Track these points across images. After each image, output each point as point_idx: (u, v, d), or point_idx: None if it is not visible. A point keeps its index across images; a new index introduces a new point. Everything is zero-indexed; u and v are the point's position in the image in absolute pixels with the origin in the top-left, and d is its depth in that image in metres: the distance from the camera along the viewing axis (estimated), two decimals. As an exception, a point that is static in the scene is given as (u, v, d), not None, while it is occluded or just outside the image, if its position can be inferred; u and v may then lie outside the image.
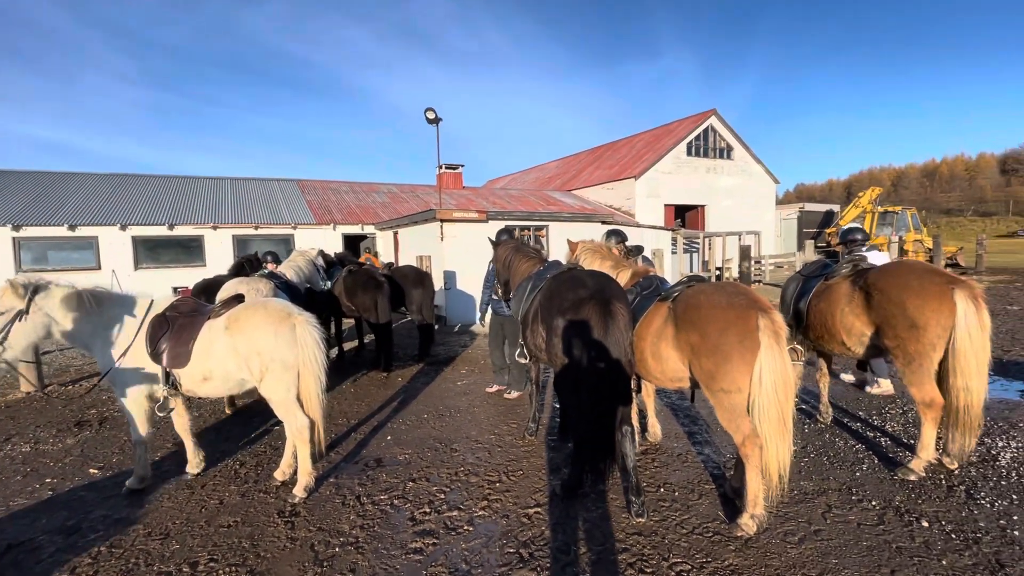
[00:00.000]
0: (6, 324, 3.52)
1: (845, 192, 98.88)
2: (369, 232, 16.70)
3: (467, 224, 12.09)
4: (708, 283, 3.40)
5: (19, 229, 12.93)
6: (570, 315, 3.25)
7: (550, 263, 4.56)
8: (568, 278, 3.54)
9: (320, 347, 3.70)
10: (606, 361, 3.11)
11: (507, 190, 24.67)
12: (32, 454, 4.73)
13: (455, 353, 8.62)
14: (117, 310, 3.78)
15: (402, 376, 7.12)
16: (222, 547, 3.09)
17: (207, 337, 3.65)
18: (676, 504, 3.39)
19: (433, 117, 11.23)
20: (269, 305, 3.72)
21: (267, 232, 15.47)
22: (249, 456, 4.48)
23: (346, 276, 7.36)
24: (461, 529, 3.21)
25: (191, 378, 3.66)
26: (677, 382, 3.48)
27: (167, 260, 14.49)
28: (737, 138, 24.06)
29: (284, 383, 3.61)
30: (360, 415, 5.52)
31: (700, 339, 3.08)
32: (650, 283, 3.85)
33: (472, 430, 4.96)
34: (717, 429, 4.72)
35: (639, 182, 21.39)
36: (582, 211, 18.19)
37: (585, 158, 29.41)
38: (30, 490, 3.98)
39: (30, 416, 5.89)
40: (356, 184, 21.51)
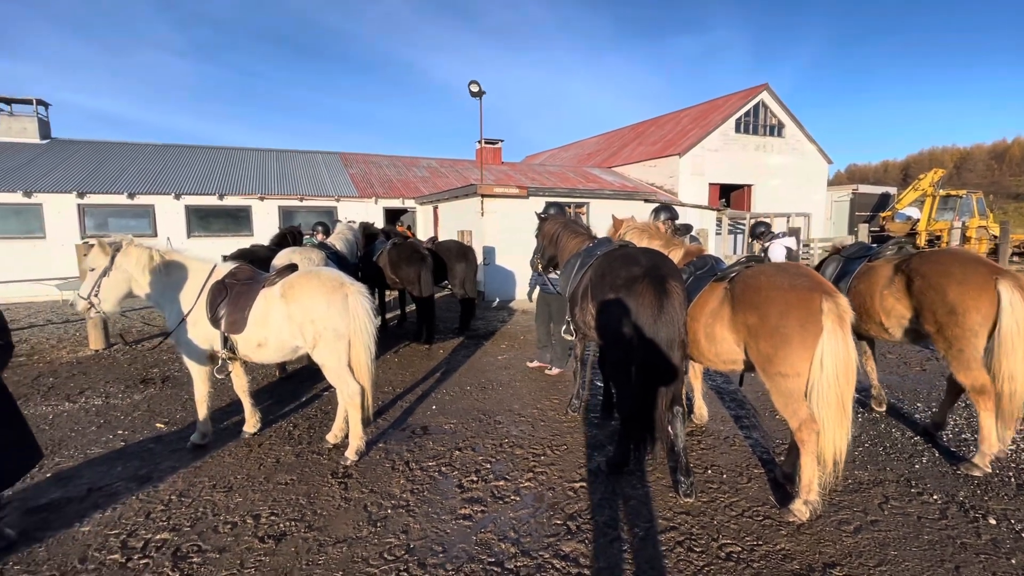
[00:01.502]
0: (96, 280, 3.82)
1: (902, 174, 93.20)
2: (409, 206, 16.84)
3: (507, 200, 12.03)
4: (768, 264, 3.29)
5: (83, 196, 13.62)
6: (623, 292, 3.20)
7: (600, 240, 4.49)
8: (621, 255, 3.49)
9: (371, 317, 3.78)
10: (659, 340, 3.07)
11: (546, 166, 24.38)
12: (104, 407, 5.06)
13: (494, 328, 8.69)
14: (182, 273, 3.96)
15: (443, 348, 7.24)
16: (281, 502, 3.25)
17: (263, 305, 3.78)
18: (724, 487, 3.36)
19: (477, 90, 11.12)
20: (323, 274, 3.82)
21: (311, 204, 15.80)
22: (301, 419, 4.67)
23: (391, 249, 7.46)
24: (508, 498, 3.27)
25: (247, 343, 3.81)
26: (730, 364, 3.42)
27: (217, 229, 15.02)
28: (789, 115, 22.93)
29: (336, 351, 3.72)
30: (405, 384, 5.65)
31: (759, 321, 3.00)
32: (704, 263, 3.75)
33: (514, 403, 5.01)
34: (765, 414, 4.63)
35: (683, 159, 20.74)
36: (623, 188, 17.83)
37: (627, 134, 28.66)
38: (104, 440, 4.27)
39: (99, 372, 6.29)
40: (397, 158, 21.65)
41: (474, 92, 11.19)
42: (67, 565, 2.67)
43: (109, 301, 3.94)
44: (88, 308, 3.96)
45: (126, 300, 4.06)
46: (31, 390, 5.61)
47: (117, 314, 4.05)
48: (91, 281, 3.94)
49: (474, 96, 11.28)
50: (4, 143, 16.13)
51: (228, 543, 2.84)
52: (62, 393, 5.49)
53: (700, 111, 24.42)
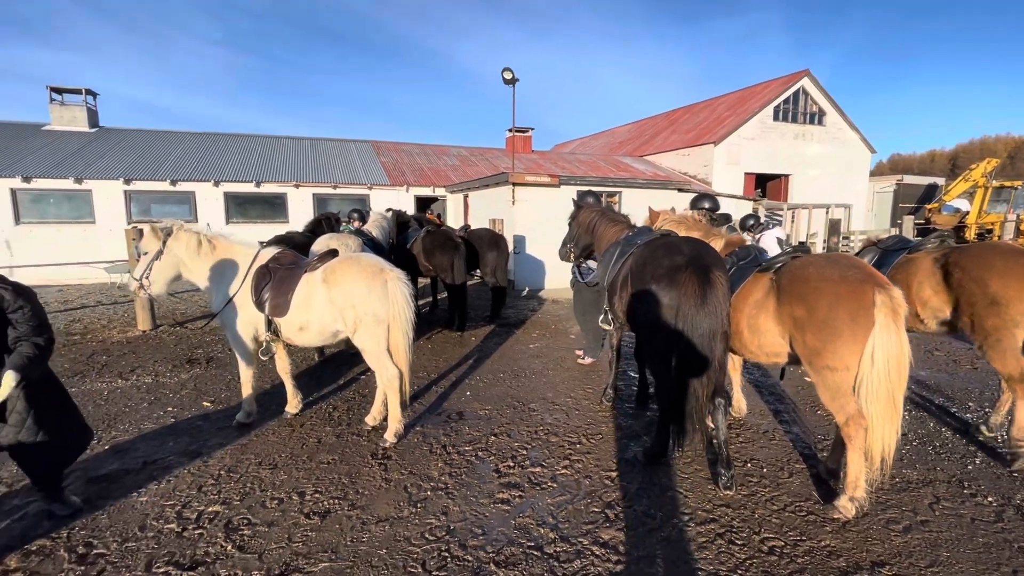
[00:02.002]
0: (149, 263, 4.00)
1: (950, 164, 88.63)
2: (440, 195, 16.94)
3: (539, 189, 11.98)
4: (817, 255, 3.19)
5: (129, 183, 14.14)
6: (665, 282, 3.16)
7: (640, 228, 4.45)
8: (663, 244, 3.44)
9: (409, 303, 3.84)
10: (702, 331, 3.02)
11: (576, 155, 24.13)
12: (154, 385, 5.29)
13: (525, 317, 8.71)
14: (228, 257, 4.08)
15: (475, 336, 7.30)
16: (324, 481, 3.35)
17: (305, 289, 3.88)
18: (765, 480, 3.31)
19: (510, 77, 11.04)
20: (363, 260, 3.89)
21: (345, 192, 16.04)
22: (341, 401, 4.79)
23: (425, 236, 7.53)
24: (545, 485, 3.30)
25: (289, 327, 3.92)
26: (773, 357, 3.35)
27: (254, 216, 15.40)
28: (831, 102, 22.09)
29: (376, 336, 3.79)
30: (439, 370, 5.73)
31: (806, 313, 2.93)
32: (747, 253, 3.67)
33: (548, 392, 5.03)
34: (804, 408, 4.53)
35: (718, 148, 20.24)
36: (657, 177, 17.54)
37: (659, 122, 28.10)
38: (155, 416, 4.47)
39: (148, 352, 6.57)
40: (428, 146, 21.76)
41: (507, 79, 11.12)
42: (128, 532, 2.82)
43: (159, 283, 4.12)
44: (139, 289, 4.14)
45: (175, 283, 4.23)
46: (87, 367, 5.89)
47: (165, 296, 4.22)
48: (144, 264, 4.12)
49: (507, 83, 11.22)
50: (56, 131, 16.84)
51: (276, 518, 2.94)
52: (115, 371, 5.76)
53: (737, 98, 23.75)
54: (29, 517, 2.96)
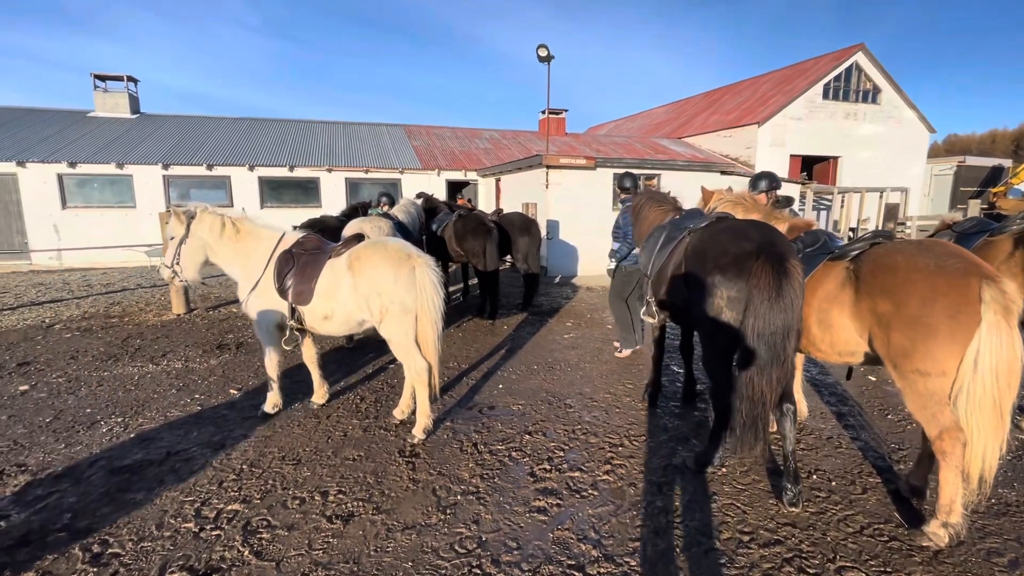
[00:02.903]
0: (176, 248, 3.88)
1: (1013, 145, 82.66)
2: (472, 178, 16.66)
3: (573, 172, 11.55)
4: (905, 241, 2.76)
5: (168, 168, 14.37)
6: (732, 272, 2.79)
7: (689, 211, 4.06)
8: (727, 228, 3.05)
9: (438, 291, 3.58)
10: (774, 327, 2.65)
11: (611, 137, 23.42)
12: (183, 371, 5.23)
13: (558, 305, 8.39)
14: (252, 241, 3.90)
15: (507, 325, 7.03)
16: (349, 480, 3.16)
17: (329, 276, 3.66)
18: (835, 496, 2.94)
19: (545, 54, 10.59)
20: (389, 245, 3.64)
21: (376, 176, 15.94)
22: (368, 392, 4.60)
23: (456, 221, 7.27)
24: (585, 492, 3.01)
25: (313, 315, 3.72)
26: (846, 356, 2.96)
27: (288, 200, 15.48)
28: (888, 78, 20.65)
29: (403, 326, 3.55)
30: (470, 360, 5.49)
31: (893, 308, 2.52)
32: (816, 238, 3.26)
33: (585, 387, 4.73)
34: (872, 411, 4.10)
35: (762, 129, 19.21)
36: (697, 159, 16.79)
37: (699, 102, 26.96)
38: (183, 403, 4.38)
39: (180, 336, 6.56)
40: (459, 130, 21.45)
41: (542, 57, 10.67)
42: (145, 531, 2.68)
43: (189, 268, 4.00)
44: (172, 276, 4.03)
45: (207, 268, 4.10)
46: (121, 351, 5.90)
47: (198, 282, 4.09)
48: (172, 249, 4.00)
49: (542, 61, 10.76)
50: (100, 118, 17.27)
51: (296, 520, 2.76)
52: (147, 355, 5.74)
53: (783, 76, 22.50)
54: (50, 509, 2.87)
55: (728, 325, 2.86)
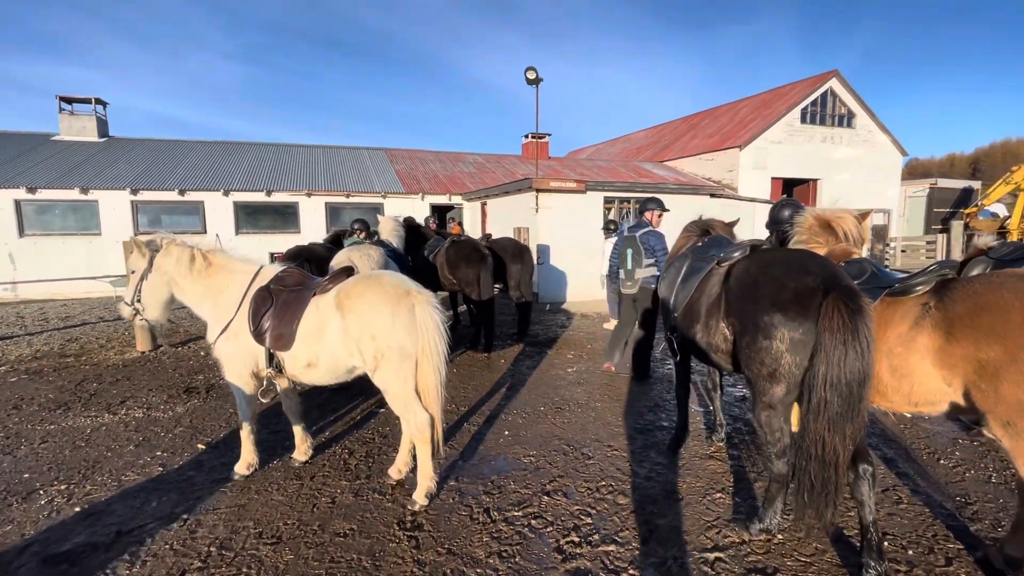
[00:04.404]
0: (137, 283, 3.39)
1: (970, 168, 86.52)
2: (456, 202, 16.31)
3: (563, 195, 11.27)
4: (997, 274, 2.41)
5: (136, 193, 13.67)
6: (795, 310, 2.40)
7: (713, 238, 3.70)
8: (778, 260, 2.67)
9: (442, 333, 3.11)
10: (849, 375, 2.26)
11: (594, 161, 23.44)
12: (144, 421, 4.61)
13: (555, 334, 7.96)
14: (224, 276, 3.40)
15: (503, 358, 6.56)
16: (341, 564, 2.62)
17: (314, 316, 3.17)
18: (917, 571, 2.52)
19: (534, 77, 10.38)
20: (385, 280, 3.16)
21: (358, 200, 15.47)
22: (358, 444, 4.06)
23: (449, 247, 6.83)
24: (627, 574, 2.53)
25: (295, 362, 3.20)
26: (925, 407, 2.56)
27: (265, 226, 14.87)
28: (861, 104, 21.19)
29: (402, 374, 3.06)
30: (468, 401, 4.99)
31: (1005, 356, 2.13)
32: (861, 269, 2.90)
33: (600, 430, 4.27)
34: (921, 453, 3.72)
35: (744, 152, 19.40)
36: (685, 182, 16.76)
37: (679, 127, 27.32)
38: (141, 463, 3.78)
39: (143, 378, 5.91)
40: (443, 153, 21.18)
41: (530, 79, 10.46)
42: (80, 652, 2.10)
43: (153, 307, 3.49)
44: (134, 315, 3.50)
45: (174, 305, 3.57)
46: (73, 398, 5.24)
47: (164, 321, 3.55)
48: (132, 285, 3.48)
49: (530, 83, 10.55)
50: (65, 141, 16.50)
51: (277, 628, 2.21)
52: (103, 402, 5.09)
53: (760, 101, 22.92)
54: None
55: (790, 372, 2.46)
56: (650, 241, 5.41)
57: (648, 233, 5.44)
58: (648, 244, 5.42)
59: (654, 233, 5.44)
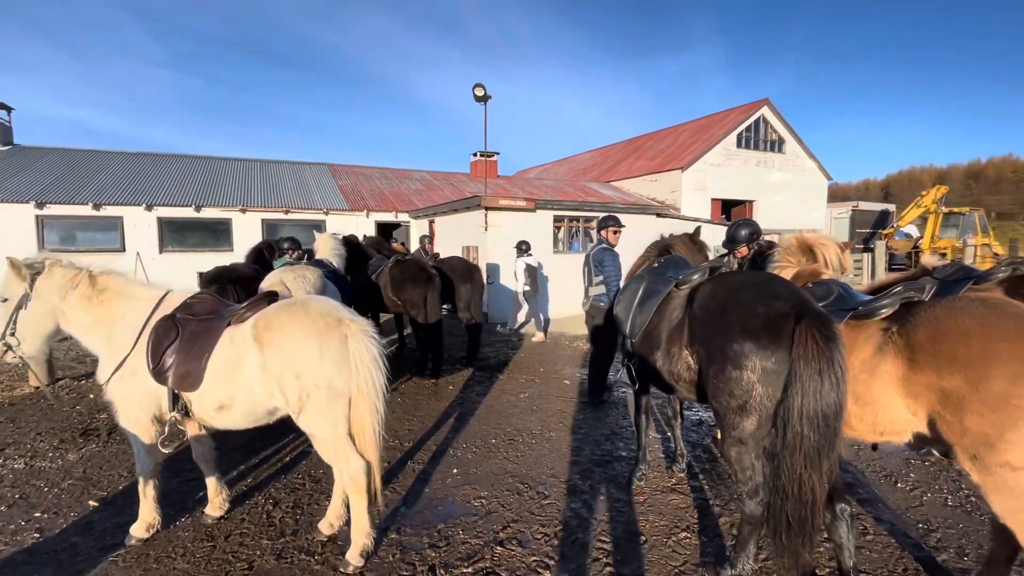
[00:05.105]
0: (12, 313, 2.82)
1: (882, 193, 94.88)
2: (403, 220, 15.82)
3: (513, 213, 11.09)
4: (960, 298, 2.34)
5: (42, 207, 12.35)
6: (767, 338, 2.22)
7: (670, 259, 3.55)
8: (744, 284, 2.51)
9: (380, 366, 2.73)
10: (826, 407, 2.09)
11: (543, 180, 23.59)
12: (25, 473, 3.91)
13: (506, 357, 7.66)
14: (120, 304, 2.89)
15: (452, 384, 6.18)
16: (253, 652, 2.17)
17: (227, 350, 2.71)
18: (896, 614, 2.36)
19: (482, 94, 10.22)
20: (311, 307, 2.75)
21: (298, 217, 14.68)
22: (285, 492, 3.57)
23: (393, 267, 6.43)
24: (592, 642, 2.23)
25: (203, 405, 2.74)
26: (890, 436, 2.44)
27: (193, 244, 13.80)
28: (790, 130, 22.54)
29: (331, 416, 2.66)
30: (413, 435, 4.58)
31: (967, 385, 2.03)
32: (828, 290, 2.80)
33: (556, 464, 3.98)
34: (877, 478, 3.66)
35: (686, 174, 20.08)
36: (631, 202, 17.06)
37: (623, 149, 28.10)
38: (12, 529, 3.14)
39: (33, 419, 5.11)
40: (389, 170, 20.65)
41: (479, 96, 10.29)
42: None
43: (31, 340, 2.93)
44: (6, 350, 2.91)
45: (58, 336, 3.02)
46: (-63, 446, 4.42)
47: (43, 356, 2.97)
48: (4, 315, 2.89)
49: (478, 100, 10.38)
50: (-41, 149, 14.80)
51: None
52: (-25, 451, 4.32)
53: (700, 125, 23.94)
54: None
55: (761, 405, 2.27)
56: (600, 257, 5.29)
57: (601, 250, 5.31)
58: (598, 260, 5.30)
59: (606, 250, 5.32)
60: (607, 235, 5.42)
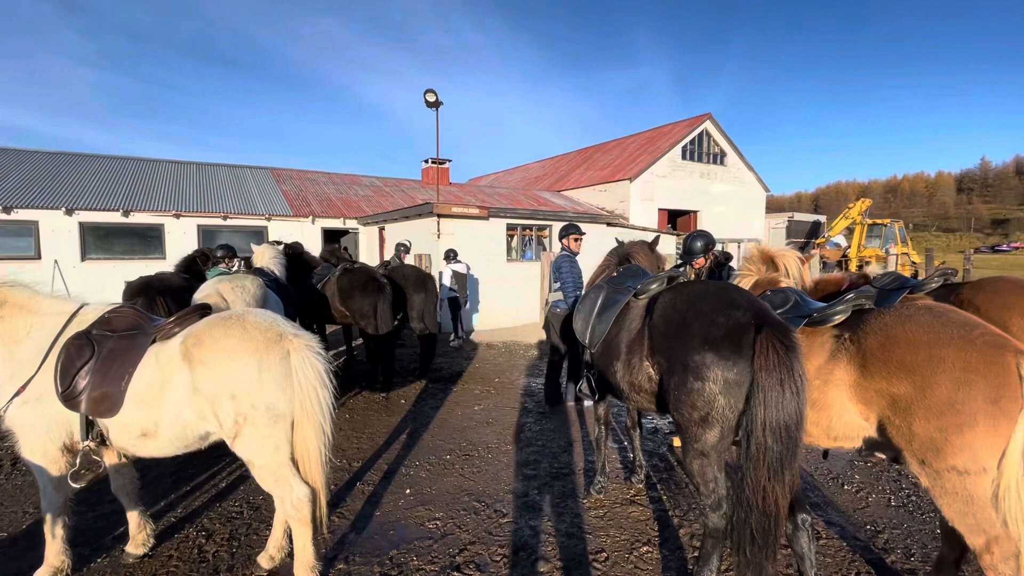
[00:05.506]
0: None
1: (813, 204, 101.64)
2: (352, 227, 15.33)
3: (466, 221, 10.96)
4: (908, 306, 2.40)
5: (-58, 210, 11.14)
6: (728, 348, 2.19)
7: (629, 268, 3.53)
8: (703, 293, 2.49)
9: (325, 383, 2.53)
10: (787, 416, 2.09)
11: (495, 188, 23.59)
12: (-93, 514, 3.40)
13: (460, 368, 7.49)
14: (24, 318, 2.55)
15: (404, 398, 5.96)
16: None
17: (152, 370, 2.44)
18: (854, 621, 2.38)
19: (434, 100, 10.05)
20: (248, 321, 2.52)
21: (237, 223, 13.94)
22: (220, 522, 3.27)
23: (342, 275, 6.15)
24: (556, 673, 2.12)
25: (124, 432, 2.45)
26: (844, 441, 2.49)
27: (120, 251, 12.82)
28: (731, 144, 23.59)
29: (272, 440, 2.43)
30: (363, 454, 4.35)
31: (915, 392, 2.09)
32: (785, 298, 2.85)
33: (514, 480, 3.86)
34: (827, 482, 3.76)
35: (634, 184, 20.59)
36: (582, 211, 17.28)
37: (573, 159, 28.57)
38: None
39: (-80, 449, 4.49)
40: (336, 175, 20.03)
41: (430, 102, 10.12)
42: None
43: None
44: None
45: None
46: None
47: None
48: None
49: (430, 106, 10.21)
50: None
51: None
52: None
53: (647, 138, 24.67)
54: None
55: (724, 417, 2.25)
56: (558, 264, 5.38)
57: (561, 257, 5.40)
58: (556, 267, 5.39)
59: (565, 257, 5.39)
60: (568, 243, 5.49)
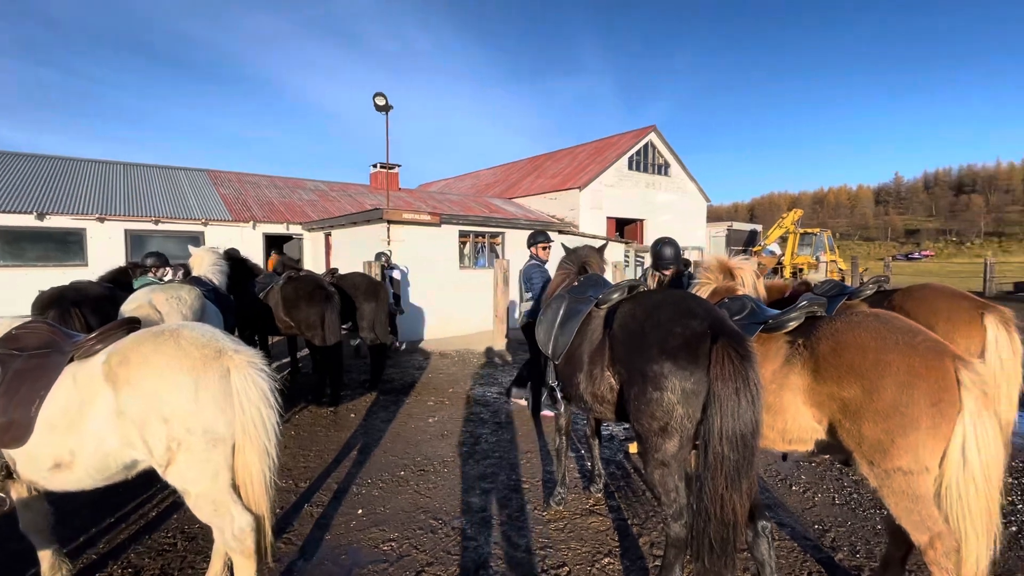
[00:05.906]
0: None
1: (749, 214, 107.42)
2: (295, 232, 14.73)
3: (417, 228, 10.76)
4: (858, 313, 2.50)
5: None
6: (685, 358, 2.20)
7: (590, 277, 3.52)
8: (662, 303, 2.50)
9: (270, 403, 2.34)
10: (743, 424, 2.11)
11: (446, 195, 23.40)
12: None
13: (412, 378, 7.29)
14: (-85, 339, 2.23)
15: (354, 411, 5.72)
16: None
17: (69, 393, 2.18)
18: (809, 622, 2.44)
19: (383, 103, 9.83)
20: (183, 336, 2.30)
21: (170, 228, 13.08)
22: (151, 555, 2.98)
23: (286, 284, 5.84)
24: None
25: (34, 463, 2.17)
26: (798, 444, 2.57)
27: (34, 258, 11.72)
28: (674, 155, 24.50)
29: (210, 467, 2.22)
30: (310, 473, 4.11)
31: (863, 395, 2.17)
32: (742, 306, 2.91)
33: (471, 495, 3.76)
34: (775, 483, 3.88)
35: (583, 193, 20.98)
36: (533, 219, 17.40)
37: (524, 166, 28.81)
38: None
39: None
40: (279, 179, 19.22)
41: (379, 106, 9.89)
42: None
43: None
44: None
45: None
46: None
47: None
48: None
49: (380, 110, 9.97)
50: None
51: None
52: None
53: (595, 148, 25.22)
54: None
55: (682, 426, 2.26)
56: (529, 273, 5.36)
57: (530, 266, 5.39)
58: (527, 276, 5.37)
59: (535, 266, 5.39)
60: (537, 251, 5.49)
